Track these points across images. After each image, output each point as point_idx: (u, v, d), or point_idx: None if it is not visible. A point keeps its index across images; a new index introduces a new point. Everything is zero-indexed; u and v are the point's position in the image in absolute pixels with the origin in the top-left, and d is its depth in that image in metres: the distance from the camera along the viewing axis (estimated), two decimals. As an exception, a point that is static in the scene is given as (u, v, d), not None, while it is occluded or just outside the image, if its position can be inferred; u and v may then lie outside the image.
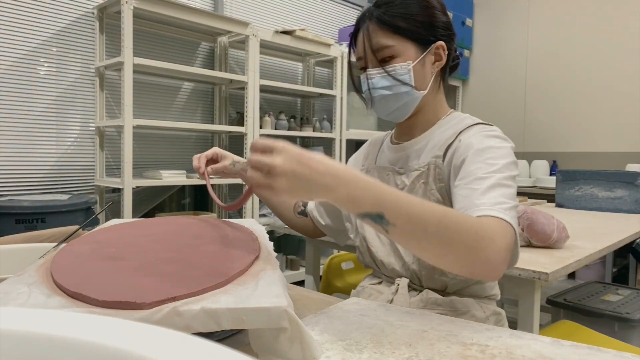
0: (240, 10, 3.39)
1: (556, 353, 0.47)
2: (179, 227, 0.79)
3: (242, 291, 0.51)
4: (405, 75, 0.87)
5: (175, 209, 3.21)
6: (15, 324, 0.24)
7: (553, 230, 1.35)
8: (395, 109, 0.91)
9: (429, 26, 0.89)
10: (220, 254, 0.63)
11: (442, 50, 0.91)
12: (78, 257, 0.64)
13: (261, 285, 0.52)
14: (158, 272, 0.56)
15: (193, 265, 0.59)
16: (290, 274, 3.16)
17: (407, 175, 0.92)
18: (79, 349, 0.23)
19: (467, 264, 0.64)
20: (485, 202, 0.71)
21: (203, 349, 0.22)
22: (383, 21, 0.87)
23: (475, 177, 0.76)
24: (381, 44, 0.87)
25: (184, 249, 0.67)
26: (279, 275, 0.56)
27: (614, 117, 3.68)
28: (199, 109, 3.21)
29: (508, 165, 0.78)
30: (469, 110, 4.58)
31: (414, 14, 0.88)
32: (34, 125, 2.48)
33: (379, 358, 0.47)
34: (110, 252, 0.66)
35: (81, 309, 0.47)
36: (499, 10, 4.35)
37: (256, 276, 0.55)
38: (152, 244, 0.69)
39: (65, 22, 2.57)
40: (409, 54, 0.88)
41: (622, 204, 2.26)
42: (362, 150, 1.11)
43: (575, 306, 1.71)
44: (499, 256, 0.65)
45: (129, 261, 0.61)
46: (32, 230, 0.98)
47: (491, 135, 0.84)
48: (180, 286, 0.51)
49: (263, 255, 0.64)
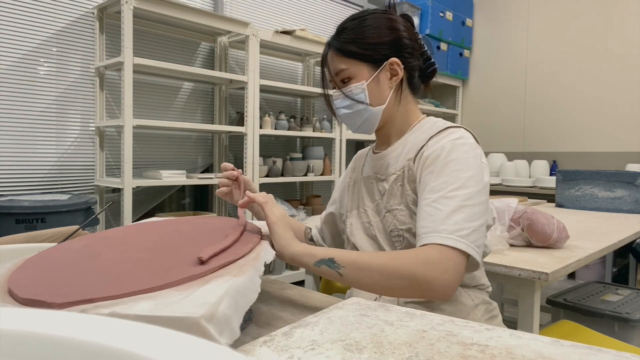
0: (240, 10, 3.39)
1: (556, 353, 0.47)
2: (194, 226, 0.82)
3: (172, 297, 0.50)
4: (361, 94, 0.97)
5: (175, 209, 3.21)
6: (15, 324, 0.24)
7: (553, 230, 1.35)
8: (360, 124, 1.00)
9: (378, 47, 0.96)
10: (190, 257, 0.63)
11: (397, 66, 0.97)
12: (50, 254, 0.66)
13: (200, 292, 0.51)
14: (110, 272, 0.58)
15: (148, 267, 0.60)
16: (290, 274, 3.16)
17: (387, 180, 0.99)
18: (79, 349, 0.23)
19: (413, 289, 0.78)
20: (446, 228, 0.80)
21: (203, 349, 0.22)
22: (338, 48, 0.97)
23: (441, 194, 0.84)
24: (338, 68, 0.98)
25: (162, 249, 0.68)
26: (236, 283, 0.54)
27: (614, 117, 3.69)
28: (199, 109, 3.21)
29: (473, 178, 0.85)
30: (469, 110, 4.58)
31: (363, 37, 0.96)
32: (34, 125, 2.48)
33: (379, 358, 0.47)
34: (98, 249, 0.67)
35: (1, 303, 0.49)
36: (499, 10, 4.35)
37: (207, 282, 0.54)
38: (143, 242, 0.71)
39: (65, 22, 2.57)
40: (363, 74, 0.97)
41: (622, 204, 2.26)
42: (350, 164, 1.20)
43: (575, 306, 1.71)
44: (439, 275, 0.77)
45: (101, 259, 0.63)
46: (32, 230, 0.98)
47: (458, 144, 0.89)
48: (108, 288, 0.52)
49: (245, 261, 0.63)
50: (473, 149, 0.89)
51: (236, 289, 0.53)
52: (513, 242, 1.41)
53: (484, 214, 0.85)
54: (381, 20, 0.97)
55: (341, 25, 1.00)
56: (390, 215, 0.96)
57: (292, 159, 3.40)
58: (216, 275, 0.57)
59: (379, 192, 1.01)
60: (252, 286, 0.57)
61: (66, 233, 0.97)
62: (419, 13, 4.09)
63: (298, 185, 3.92)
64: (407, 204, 0.93)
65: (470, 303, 0.95)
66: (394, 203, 0.96)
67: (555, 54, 3.99)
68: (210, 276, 0.57)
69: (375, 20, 0.97)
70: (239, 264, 0.62)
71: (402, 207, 0.94)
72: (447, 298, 0.81)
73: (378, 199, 1.01)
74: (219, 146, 3.26)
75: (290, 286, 0.95)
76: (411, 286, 0.77)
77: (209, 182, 2.90)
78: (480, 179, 0.86)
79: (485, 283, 1.01)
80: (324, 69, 1.03)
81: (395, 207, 0.95)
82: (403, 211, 0.94)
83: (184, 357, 0.21)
